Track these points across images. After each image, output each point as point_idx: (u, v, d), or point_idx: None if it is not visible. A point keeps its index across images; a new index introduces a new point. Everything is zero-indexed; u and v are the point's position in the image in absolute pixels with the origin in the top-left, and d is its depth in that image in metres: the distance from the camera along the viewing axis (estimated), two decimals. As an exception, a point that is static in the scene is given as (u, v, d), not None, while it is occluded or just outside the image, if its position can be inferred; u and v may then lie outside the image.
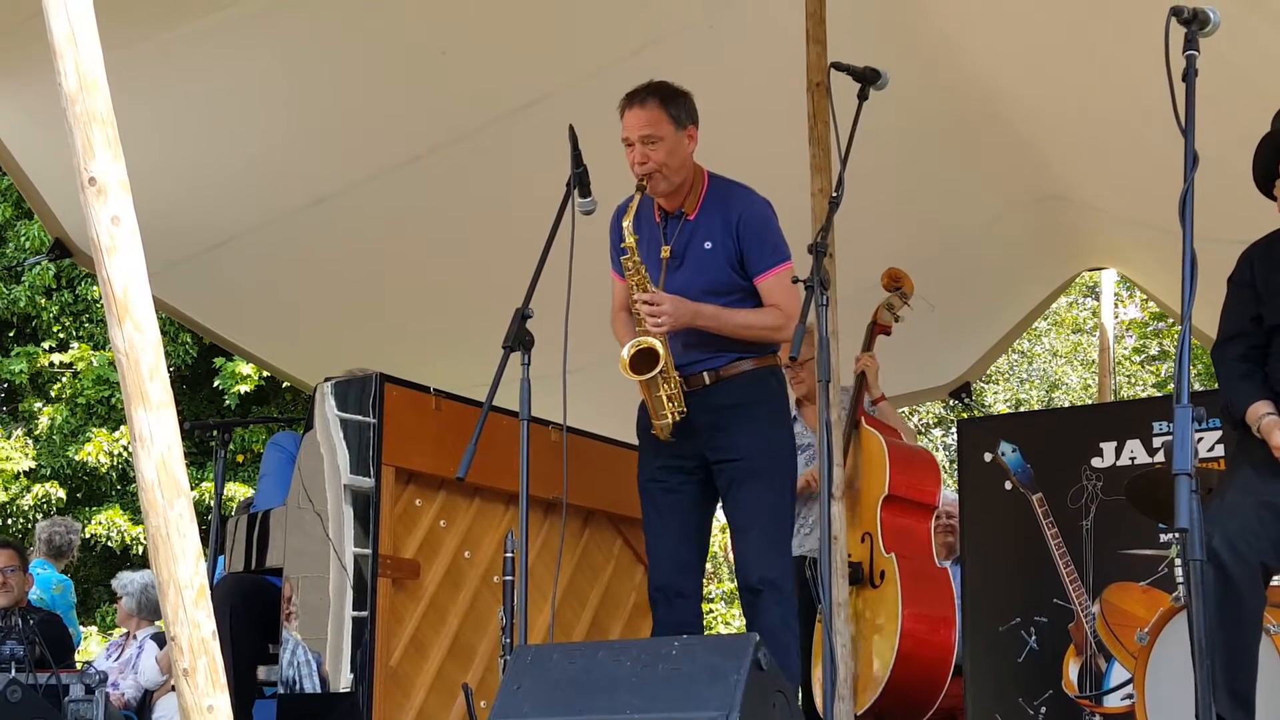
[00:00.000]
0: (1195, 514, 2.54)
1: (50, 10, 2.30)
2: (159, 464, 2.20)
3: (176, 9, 5.03)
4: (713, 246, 4.08)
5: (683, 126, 4.06)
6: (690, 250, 4.10)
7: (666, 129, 4.02)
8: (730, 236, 4.07)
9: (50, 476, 13.51)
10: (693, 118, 4.11)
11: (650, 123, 4.01)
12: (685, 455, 4.09)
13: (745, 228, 4.06)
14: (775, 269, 4.07)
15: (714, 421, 4.04)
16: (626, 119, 4.06)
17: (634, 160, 4.04)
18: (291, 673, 4.65)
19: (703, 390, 4.05)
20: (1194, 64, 2.83)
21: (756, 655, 2.94)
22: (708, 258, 4.08)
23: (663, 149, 4.01)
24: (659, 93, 4.05)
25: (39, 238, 12.59)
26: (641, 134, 4.01)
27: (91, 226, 2.24)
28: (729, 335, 4.04)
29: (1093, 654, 5.01)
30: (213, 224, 6.27)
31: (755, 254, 4.07)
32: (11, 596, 5.90)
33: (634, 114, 4.04)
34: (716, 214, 4.11)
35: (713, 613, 16.61)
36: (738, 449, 4.03)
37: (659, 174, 4.03)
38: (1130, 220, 6.42)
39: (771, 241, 4.09)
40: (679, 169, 4.07)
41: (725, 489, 4.08)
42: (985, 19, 5.43)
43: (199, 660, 2.17)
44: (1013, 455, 5.28)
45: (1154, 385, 16.06)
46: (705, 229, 4.10)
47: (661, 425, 4.02)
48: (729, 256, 4.08)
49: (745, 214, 4.08)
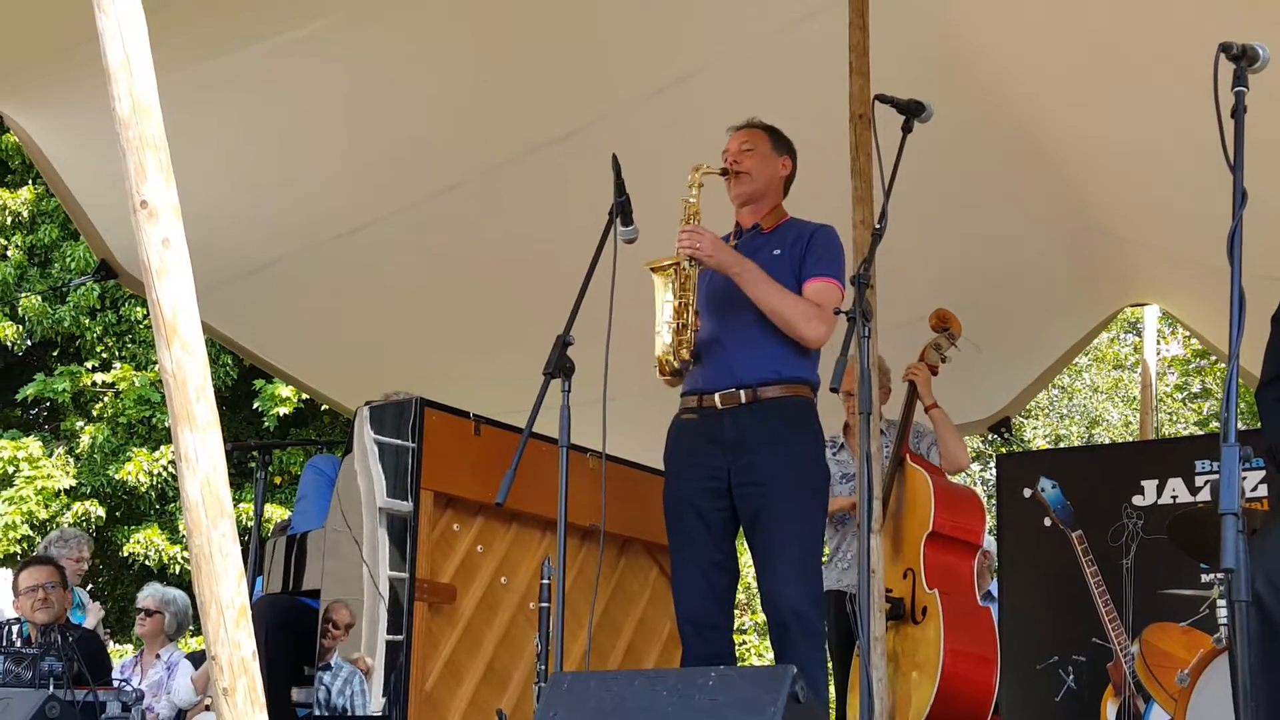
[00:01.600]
0: (1242, 554, 2.51)
1: (105, 35, 2.33)
2: (203, 484, 2.22)
3: (222, 38, 5.08)
4: (781, 254, 4.18)
5: (780, 152, 4.32)
6: (759, 255, 4.17)
7: (764, 145, 4.28)
8: (800, 246, 4.18)
9: (90, 495, 13.61)
10: (790, 152, 4.35)
11: (750, 138, 4.29)
12: (715, 478, 4.06)
13: (815, 239, 4.19)
14: (826, 278, 4.13)
15: (743, 441, 4.02)
16: (731, 139, 4.30)
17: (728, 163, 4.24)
18: (326, 695, 4.66)
19: (737, 409, 4.04)
20: (1243, 100, 2.81)
21: (794, 688, 2.92)
22: (774, 261, 4.15)
23: (755, 157, 4.25)
24: (763, 124, 4.34)
25: (85, 259, 12.73)
26: (740, 143, 4.27)
27: (142, 249, 2.27)
28: (757, 299, 4.06)
29: (1131, 694, 4.97)
30: (257, 248, 6.32)
31: (813, 260, 4.16)
32: (51, 613, 5.93)
33: (737, 134, 4.32)
34: (791, 232, 4.24)
35: (745, 644, 16.53)
36: (767, 474, 4.00)
37: (745, 175, 4.23)
38: (1174, 256, 6.38)
39: (831, 257, 4.19)
40: (764, 182, 4.26)
41: (751, 515, 4.03)
42: (1029, 52, 5.42)
43: (239, 680, 2.18)
44: (1053, 491, 5.25)
45: (1196, 423, 15.92)
46: (777, 242, 4.22)
47: (663, 348, 4.03)
48: (794, 265, 4.15)
49: (819, 232, 4.22)
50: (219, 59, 5.19)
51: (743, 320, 4.06)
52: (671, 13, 5.34)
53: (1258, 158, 2.89)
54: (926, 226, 5.89)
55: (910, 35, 5.17)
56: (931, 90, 4.28)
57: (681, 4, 5.31)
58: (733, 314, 4.07)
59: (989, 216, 6.32)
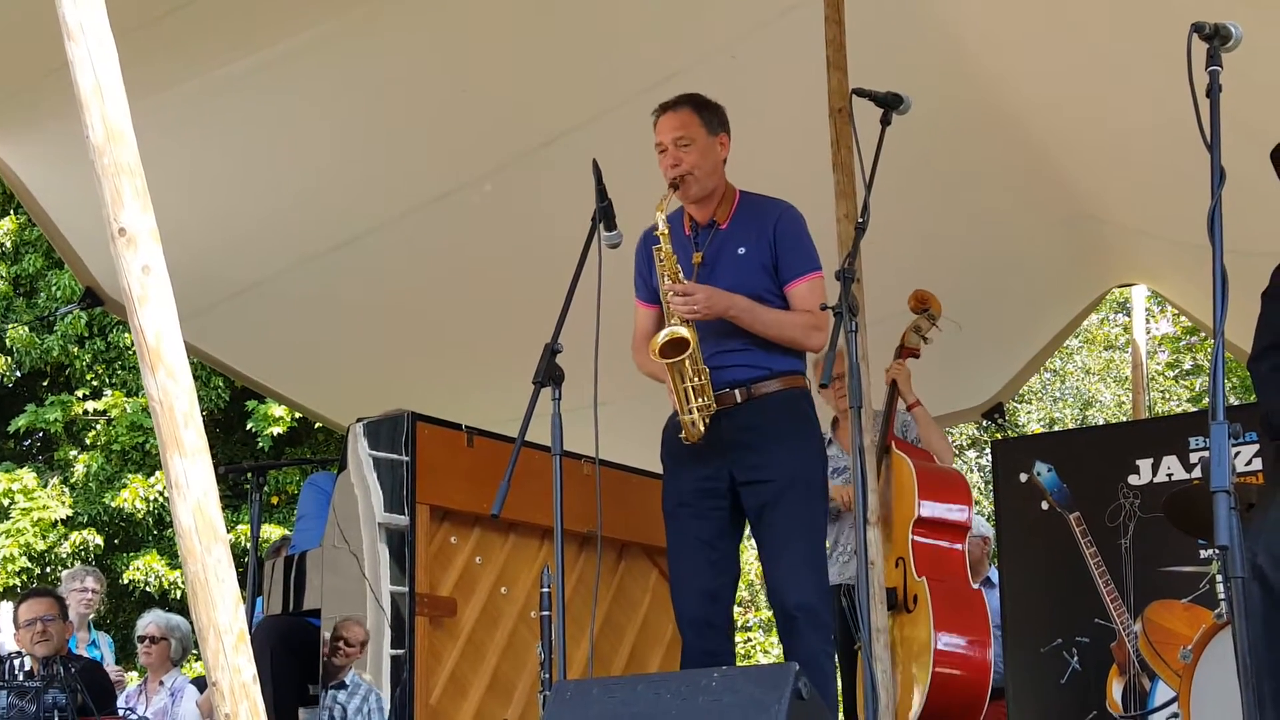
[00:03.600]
0: (1235, 531, 2.51)
1: (76, 63, 2.33)
2: (195, 510, 2.21)
3: (199, 57, 5.07)
4: (746, 252, 4.09)
5: (714, 133, 4.12)
6: (723, 256, 4.10)
7: (698, 132, 4.08)
8: (765, 241, 4.08)
9: (87, 524, 13.58)
10: (724, 126, 4.16)
11: (682, 124, 4.08)
12: (714, 477, 4.04)
13: (781, 233, 4.09)
14: (808, 276, 4.08)
15: (744, 440, 4.00)
16: (660, 124, 4.11)
17: (666, 164, 4.08)
18: (342, 713, 4.65)
19: (734, 409, 4.01)
20: (1217, 79, 2.82)
21: (797, 685, 2.92)
22: (741, 262, 4.08)
23: (695, 151, 4.06)
24: (691, 100, 4.13)
25: (70, 287, 12.70)
26: (674, 136, 4.07)
27: (123, 276, 2.26)
28: (758, 332, 4.01)
29: (1136, 673, 4.97)
30: (241, 268, 6.31)
31: (789, 259, 4.08)
32: (51, 646, 5.90)
33: (667, 119, 4.10)
34: (750, 222, 4.13)
35: (750, 641, 16.53)
36: (769, 470, 3.98)
37: (691, 176, 4.06)
38: (1159, 236, 6.40)
39: (805, 249, 4.11)
40: (710, 173, 4.10)
41: (756, 511, 4.02)
42: (1008, 39, 5.43)
43: (240, 705, 2.17)
44: (1049, 475, 5.25)
45: (1189, 400, 15.94)
46: (738, 236, 4.12)
47: (688, 423, 3.96)
48: (763, 262, 4.08)
49: (781, 219, 4.11)
50: (198, 79, 5.19)
51: (728, 332, 4.03)
52: (649, 15, 5.34)
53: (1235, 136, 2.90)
54: (911, 218, 5.89)
55: (887, 28, 5.18)
56: (910, 82, 4.28)
57: (659, 6, 5.31)
58: (716, 328, 4.04)
59: (973, 205, 6.33)
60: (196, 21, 4.84)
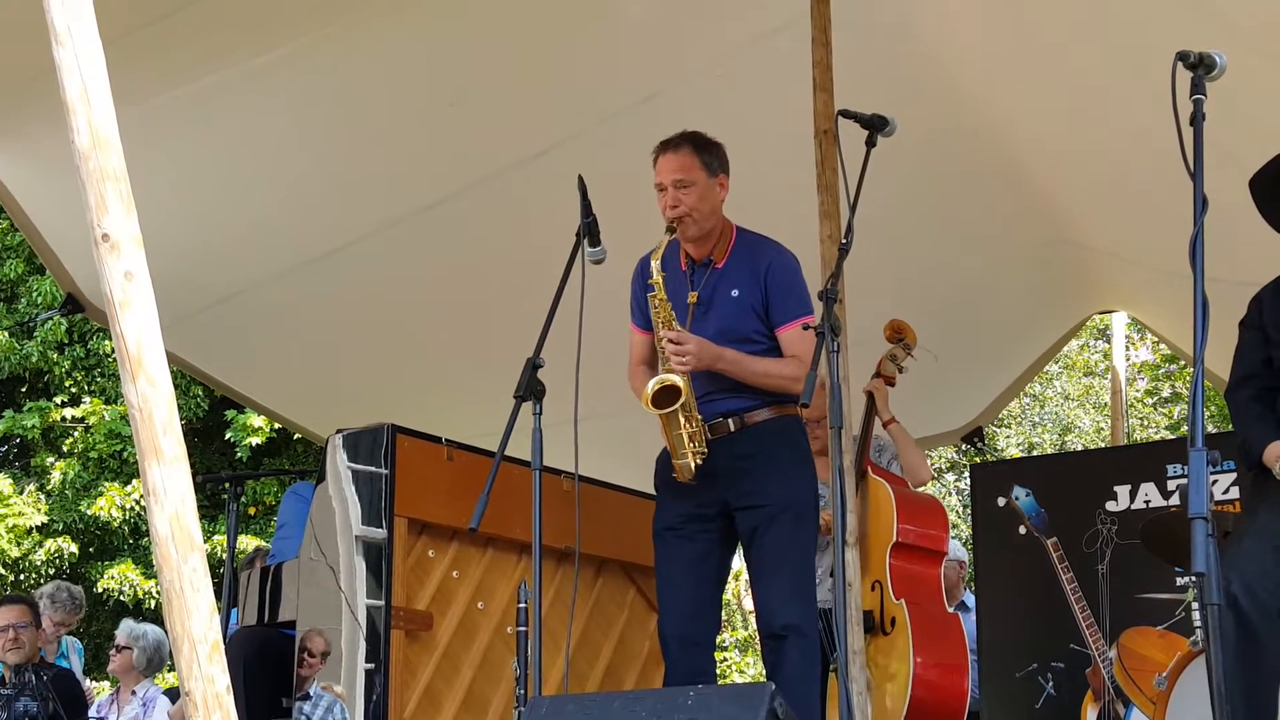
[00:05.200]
0: (1212, 558, 2.52)
1: (63, 68, 2.32)
2: (172, 519, 2.20)
3: (185, 65, 5.07)
4: (740, 294, 4.11)
5: (714, 174, 4.13)
6: (717, 297, 4.12)
7: (699, 174, 4.09)
8: (758, 285, 4.10)
9: (63, 531, 13.50)
10: (724, 167, 4.18)
11: (683, 167, 4.08)
12: (706, 503, 4.06)
13: (773, 277, 4.10)
14: (798, 320, 4.09)
15: (738, 468, 4.03)
16: (660, 164, 4.12)
17: (665, 204, 4.09)
18: None
19: (727, 438, 4.04)
20: (1201, 108, 2.84)
21: (773, 705, 2.92)
22: (734, 305, 4.10)
23: (694, 193, 4.07)
24: (692, 140, 4.12)
25: (51, 293, 12.65)
26: (674, 178, 4.07)
27: (105, 282, 2.25)
28: (748, 382, 4.04)
29: (1111, 699, 4.98)
30: (223, 277, 6.30)
31: (780, 304, 4.10)
32: (23, 654, 5.86)
33: (667, 159, 4.11)
34: (745, 264, 4.15)
35: (726, 661, 16.50)
36: (763, 495, 4.02)
37: (689, 218, 4.07)
38: (1140, 263, 6.42)
39: (798, 294, 4.13)
40: (709, 215, 4.12)
41: (749, 534, 4.05)
42: (993, 64, 5.45)
43: (213, 715, 2.16)
44: (1026, 500, 5.27)
45: (1167, 428, 15.99)
46: (733, 277, 4.14)
47: (682, 466, 4.00)
48: (755, 305, 4.10)
49: (774, 263, 4.13)
50: (183, 88, 5.18)
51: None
52: (635, 33, 5.35)
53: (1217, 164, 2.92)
54: (894, 240, 5.90)
55: (873, 50, 5.19)
56: (896, 104, 4.30)
57: (645, 24, 5.32)
58: None
59: (956, 228, 6.35)
60: (181, 31, 4.83)
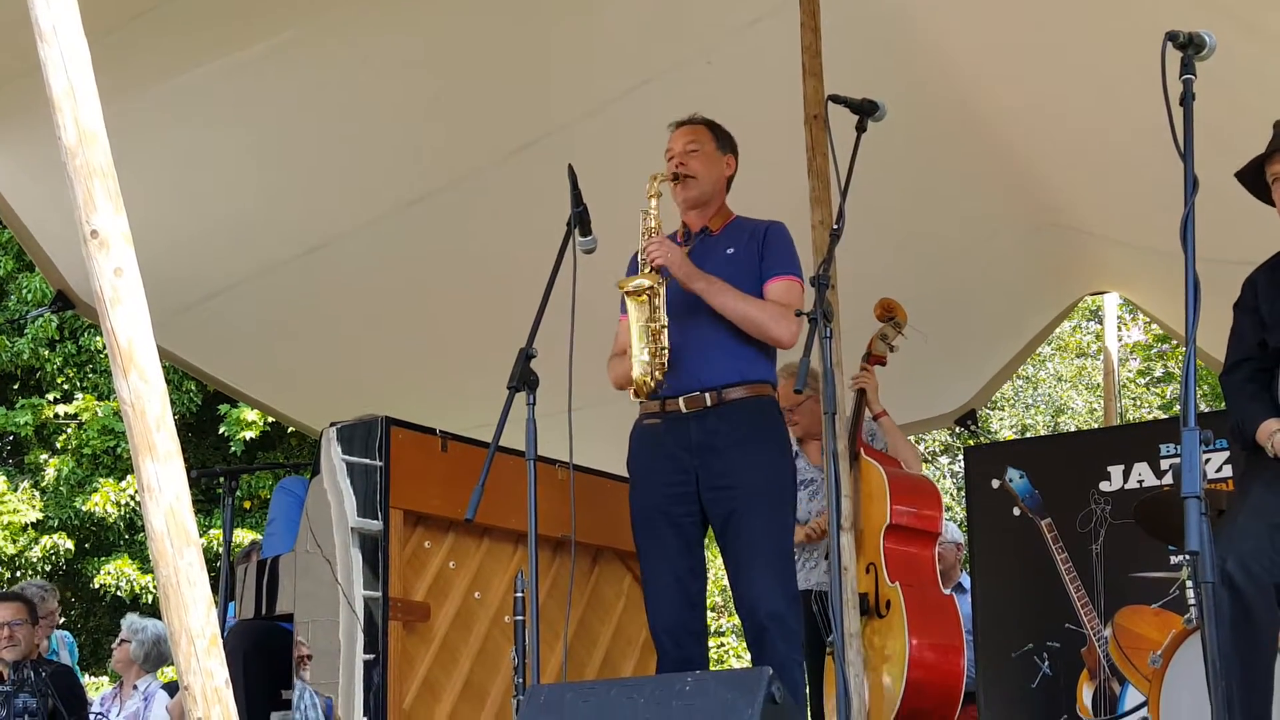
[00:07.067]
0: (1206, 537, 2.53)
1: (48, 64, 2.31)
2: (168, 514, 2.19)
3: (169, 62, 5.05)
4: (735, 252, 4.16)
5: (724, 151, 4.27)
6: (711, 256, 4.16)
7: (709, 145, 4.23)
8: (755, 243, 4.17)
9: (58, 528, 13.50)
10: (734, 150, 4.30)
11: (694, 135, 4.24)
12: (683, 483, 4.04)
13: (769, 237, 4.18)
14: (787, 277, 4.14)
15: (711, 444, 4.01)
16: (674, 136, 4.26)
17: (672, 166, 4.19)
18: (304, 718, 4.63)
19: (703, 412, 4.03)
20: (1191, 88, 2.84)
21: (770, 689, 2.93)
22: (729, 260, 4.14)
23: (701, 158, 4.20)
24: (707, 120, 4.29)
25: (41, 290, 12.62)
26: (685, 142, 4.22)
27: (94, 279, 2.24)
28: (724, 310, 4.04)
29: (1106, 678, 5.00)
30: (216, 271, 6.29)
31: (773, 258, 4.15)
32: (19, 651, 5.86)
33: (681, 130, 4.27)
34: (742, 231, 4.23)
35: (724, 646, 16.54)
36: (736, 476, 3.99)
37: (692, 179, 4.18)
38: (1131, 244, 6.43)
39: (790, 255, 4.19)
40: (711, 182, 4.22)
41: (722, 519, 4.02)
42: (984, 48, 5.45)
43: (213, 709, 2.16)
44: (1020, 481, 5.28)
45: (1160, 407, 16.03)
46: (728, 240, 4.20)
47: (640, 365, 3.97)
48: (750, 265, 4.14)
49: (772, 228, 4.22)
50: (171, 82, 5.17)
51: (702, 325, 4.06)
52: (624, 21, 5.35)
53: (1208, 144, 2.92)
54: (886, 224, 5.91)
55: (863, 34, 5.20)
56: (886, 88, 4.30)
57: (634, 12, 5.32)
58: (692, 320, 4.06)
59: (948, 211, 6.36)
60: (165, 26, 4.82)
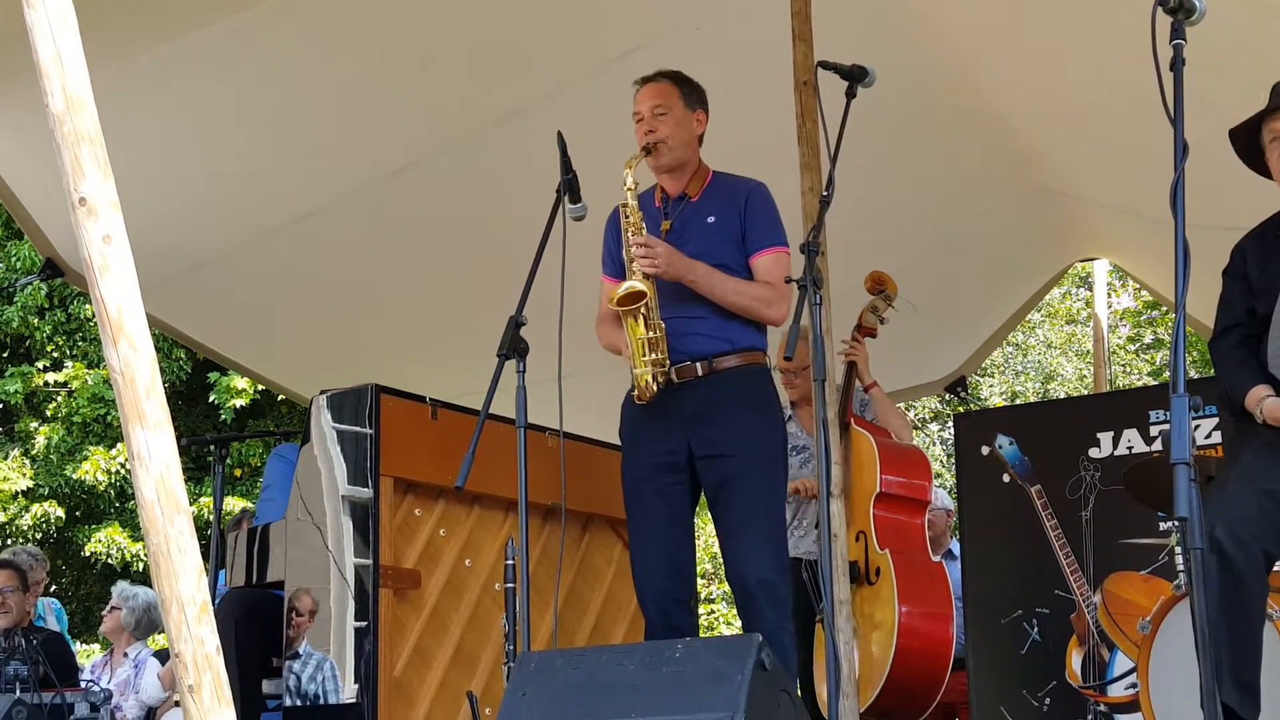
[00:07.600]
0: (1194, 503, 2.54)
1: (35, 31, 2.30)
2: (158, 481, 2.19)
3: (158, 28, 5.02)
4: (716, 220, 4.12)
5: (692, 108, 4.17)
6: (692, 225, 4.12)
7: (676, 104, 4.14)
8: (736, 213, 4.11)
9: (48, 496, 13.49)
10: (703, 104, 4.21)
11: (660, 94, 4.14)
12: (674, 451, 4.04)
13: (751, 204, 4.13)
14: (773, 249, 4.11)
15: (702, 414, 4.00)
16: (639, 95, 4.17)
17: (641, 132, 4.12)
18: (296, 683, 4.65)
19: (694, 381, 4.02)
20: (1181, 53, 2.83)
21: (760, 655, 2.94)
22: (710, 230, 4.10)
23: (670, 120, 4.11)
24: (672, 75, 4.20)
25: (30, 258, 12.57)
26: (652, 104, 4.12)
27: (83, 247, 2.23)
28: (718, 299, 4.02)
29: (1095, 644, 5.02)
30: (204, 239, 6.26)
31: (756, 230, 4.11)
32: (11, 618, 5.87)
33: (646, 89, 4.17)
34: (722, 195, 4.17)
35: (714, 613, 16.60)
36: (729, 444, 3.99)
37: (664, 145, 4.10)
38: (1121, 210, 6.43)
39: (774, 224, 4.15)
40: (684, 145, 4.14)
41: (714, 487, 4.02)
42: (973, 13, 5.43)
43: (204, 676, 2.16)
44: (1010, 448, 5.29)
45: (1149, 374, 16.07)
46: (709, 207, 4.15)
47: (641, 376, 3.96)
48: (732, 232, 4.10)
49: (754, 191, 4.16)
50: (159, 48, 5.13)
51: (689, 298, 4.04)
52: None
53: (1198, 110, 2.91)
54: (875, 191, 5.90)
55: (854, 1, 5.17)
56: (876, 54, 4.28)
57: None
58: (679, 293, 4.04)
59: (937, 178, 6.35)
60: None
